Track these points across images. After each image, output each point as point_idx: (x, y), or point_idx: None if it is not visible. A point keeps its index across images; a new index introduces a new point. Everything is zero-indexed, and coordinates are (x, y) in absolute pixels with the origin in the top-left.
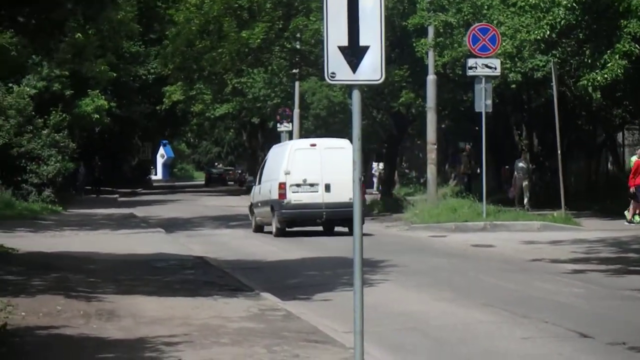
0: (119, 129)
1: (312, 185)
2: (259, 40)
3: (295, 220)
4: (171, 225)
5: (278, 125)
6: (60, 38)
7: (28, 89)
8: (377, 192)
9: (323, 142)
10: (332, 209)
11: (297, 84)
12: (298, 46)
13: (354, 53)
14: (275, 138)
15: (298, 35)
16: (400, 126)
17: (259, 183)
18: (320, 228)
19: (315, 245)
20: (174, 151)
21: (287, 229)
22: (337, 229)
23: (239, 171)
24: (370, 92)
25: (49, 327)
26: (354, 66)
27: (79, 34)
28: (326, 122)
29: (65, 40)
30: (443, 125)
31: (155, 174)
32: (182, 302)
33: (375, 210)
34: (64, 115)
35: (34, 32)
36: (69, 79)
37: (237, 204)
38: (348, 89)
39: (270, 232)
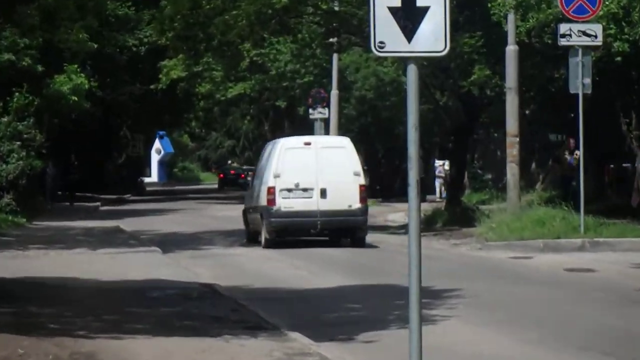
0: (101, 116)
1: (305, 190)
2: (285, 0)
3: (286, 230)
4: (170, 243)
5: (310, 111)
6: None
7: None
8: (440, 199)
9: (319, 141)
10: (328, 217)
11: (335, 57)
12: (336, 7)
13: (409, 16)
14: (307, 128)
15: None
16: (471, 112)
17: (251, 186)
18: (326, 238)
19: (356, 268)
20: (173, 145)
21: (277, 239)
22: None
23: None
24: (431, 67)
25: None
26: (409, 33)
27: None
28: (373, 107)
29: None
30: (527, 111)
31: (150, 175)
32: (185, 344)
33: (438, 222)
34: (30, 98)
35: None
36: (38, 51)
37: None
38: (402, 63)
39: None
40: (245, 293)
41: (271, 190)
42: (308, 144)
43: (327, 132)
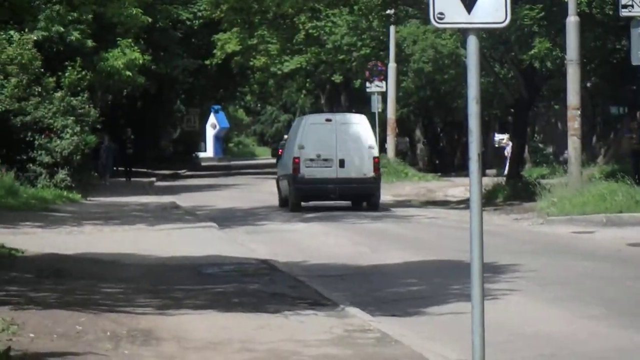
0: (155, 91)
1: (325, 160)
2: None
3: (309, 195)
4: (226, 219)
5: (367, 84)
6: None
7: (33, 36)
8: (500, 175)
9: (339, 117)
10: (345, 185)
11: (392, 29)
12: None
13: None
14: (364, 101)
15: None
16: (531, 86)
17: (282, 157)
18: (347, 202)
19: (415, 243)
20: (229, 120)
21: (301, 204)
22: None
23: None
24: (491, 39)
25: (65, 354)
26: (469, 4)
27: None
28: (431, 80)
29: None
30: (589, 84)
31: (205, 150)
32: (242, 321)
33: (499, 197)
34: (83, 72)
35: None
36: (88, 26)
37: None
38: (461, 35)
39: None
40: (303, 269)
41: (296, 160)
42: (329, 120)
43: (384, 106)
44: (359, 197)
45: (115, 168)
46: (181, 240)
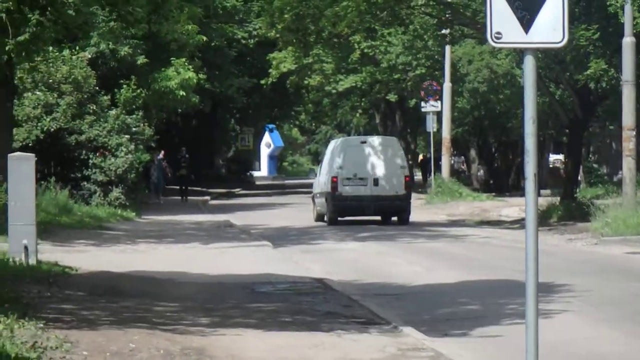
0: (210, 110)
1: (361, 179)
2: None
3: (346, 211)
4: (280, 238)
5: (422, 104)
6: None
7: (87, 53)
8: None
9: (373, 140)
10: (379, 202)
11: (447, 49)
12: None
13: (526, 6)
14: (419, 121)
15: None
16: (586, 106)
17: (319, 175)
18: (378, 218)
19: (469, 263)
20: (283, 139)
21: (339, 219)
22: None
23: None
24: (546, 59)
25: None
26: (526, 24)
27: None
28: (486, 100)
29: None
30: None
31: (259, 169)
32: (296, 339)
33: (553, 217)
34: (138, 91)
35: None
36: (142, 43)
37: None
38: (518, 55)
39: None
40: (357, 288)
41: (335, 179)
42: (364, 142)
43: (439, 126)
44: (392, 213)
45: (166, 186)
46: (235, 258)
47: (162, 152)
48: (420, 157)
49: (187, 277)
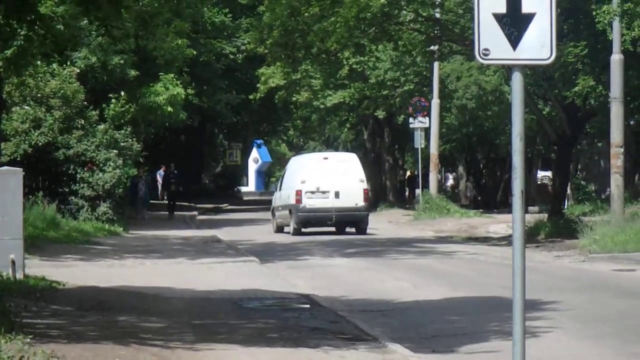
0: (198, 125)
1: (324, 192)
2: (382, 1)
3: (310, 222)
4: (267, 253)
5: (411, 120)
6: (124, 4)
7: (76, 68)
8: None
9: (334, 156)
10: (340, 213)
11: (436, 65)
12: (438, 14)
13: (514, 23)
14: (407, 137)
15: None
16: (575, 123)
17: (280, 190)
18: (333, 229)
19: (456, 279)
20: (271, 154)
21: (302, 230)
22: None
23: None
24: (534, 76)
25: None
26: (514, 41)
27: None
28: (475, 117)
29: (132, 5)
30: (632, 122)
31: (247, 185)
32: (283, 356)
33: (541, 234)
34: (127, 106)
35: None
36: (131, 55)
37: None
38: (506, 71)
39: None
40: (344, 304)
41: (299, 192)
42: (326, 158)
43: (427, 142)
44: (351, 223)
45: (151, 201)
46: (222, 274)
47: (163, 167)
48: (408, 173)
49: (174, 292)
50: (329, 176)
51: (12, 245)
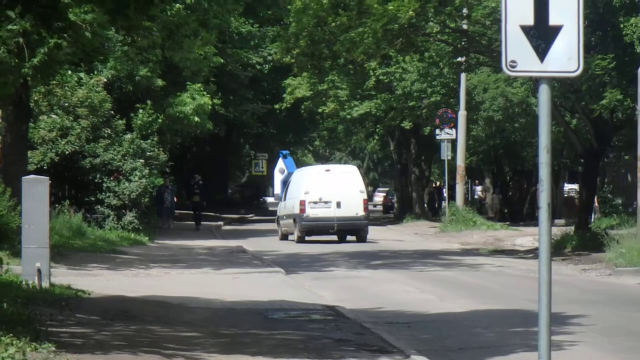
0: (224, 135)
1: (326, 202)
2: (410, 12)
3: (312, 230)
4: (293, 264)
5: (437, 131)
6: (151, 14)
7: (103, 77)
8: (564, 224)
9: (336, 168)
10: (342, 222)
11: (462, 76)
12: (465, 26)
13: (542, 35)
14: (433, 148)
15: (465, 10)
16: (602, 136)
17: (285, 200)
18: (335, 237)
19: (482, 292)
20: (297, 165)
21: (306, 238)
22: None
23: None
24: (561, 88)
25: None
26: (541, 53)
27: (177, 5)
28: (501, 129)
29: (159, 15)
30: None
31: (272, 195)
32: None
33: (567, 247)
34: (154, 115)
35: (115, 6)
36: (158, 64)
37: (382, 237)
38: (533, 83)
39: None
40: (369, 316)
41: (302, 203)
42: (328, 170)
43: (454, 154)
44: (352, 232)
45: (176, 212)
46: (247, 284)
47: (197, 176)
48: (433, 185)
49: (199, 302)
50: (331, 187)
51: (38, 254)
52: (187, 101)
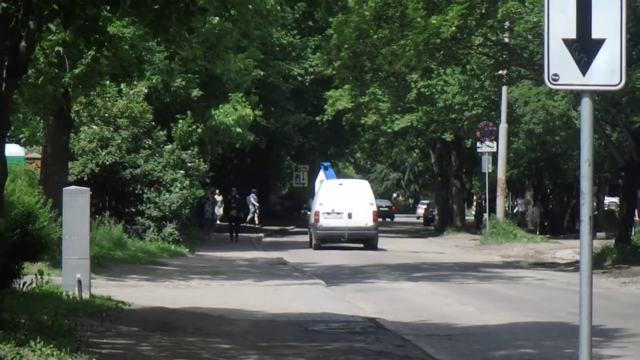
0: (265, 146)
1: (338, 213)
2: (453, 28)
3: (326, 239)
4: (334, 276)
5: (478, 144)
6: (192, 25)
7: (144, 88)
8: (605, 237)
9: (348, 182)
10: (352, 231)
11: (504, 89)
12: (507, 39)
13: (584, 48)
14: (474, 161)
15: (507, 24)
16: None
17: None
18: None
19: (523, 305)
20: (338, 177)
21: (321, 245)
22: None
23: (424, 204)
24: (602, 102)
25: None
26: (584, 66)
27: (216, 18)
28: (542, 142)
29: (198, 27)
30: None
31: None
32: None
33: (607, 260)
34: (194, 126)
35: (156, 18)
36: (197, 77)
37: (423, 249)
38: (574, 97)
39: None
40: (410, 328)
41: (317, 213)
42: (341, 184)
43: (495, 166)
44: (362, 240)
45: (218, 223)
46: (288, 296)
47: (234, 189)
48: (475, 198)
49: (239, 314)
50: (343, 200)
51: (78, 265)
52: (228, 112)
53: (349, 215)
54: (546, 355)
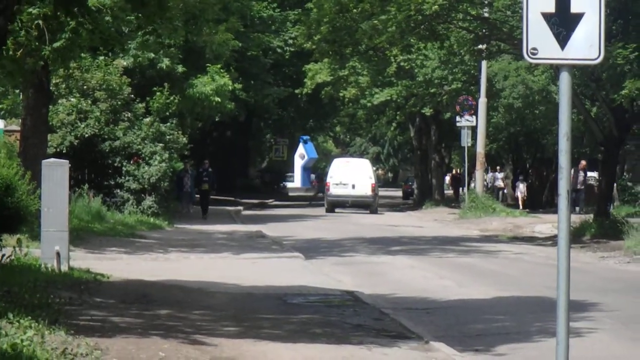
0: (244, 120)
1: (344, 184)
2: (435, 7)
3: (334, 204)
4: (312, 249)
5: (457, 118)
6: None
7: (123, 62)
8: (582, 212)
9: (353, 160)
10: (355, 199)
11: (483, 64)
12: (487, 13)
13: (563, 22)
14: (453, 135)
15: None
16: (622, 124)
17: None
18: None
19: (501, 278)
20: (317, 151)
21: (333, 210)
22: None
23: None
24: (582, 77)
25: None
26: (562, 40)
27: None
28: (522, 116)
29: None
30: None
31: (292, 181)
32: (326, 352)
33: (586, 235)
34: (172, 98)
35: None
36: (179, 51)
37: (402, 223)
38: (553, 71)
39: None
40: (388, 301)
41: (328, 184)
42: (348, 162)
43: (474, 141)
44: (363, 206)
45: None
46: (267, 269)
47: (207, 162)
48: (454, 172)
49: (218, 286)
50: (348, 174)
51: (57, 237)
52: (207, 82)
53: (353, 186)
54: (523, 328)
